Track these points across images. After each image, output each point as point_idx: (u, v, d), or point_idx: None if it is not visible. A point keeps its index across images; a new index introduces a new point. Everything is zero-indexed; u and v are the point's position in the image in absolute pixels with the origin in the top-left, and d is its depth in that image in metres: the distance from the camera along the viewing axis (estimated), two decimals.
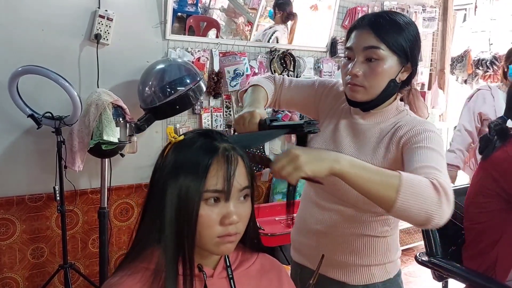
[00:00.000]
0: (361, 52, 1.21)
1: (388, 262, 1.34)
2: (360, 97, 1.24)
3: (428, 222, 0.98)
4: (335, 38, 3.39)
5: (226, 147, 0.88)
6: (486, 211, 1.92)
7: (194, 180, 0.84)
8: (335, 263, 1.33)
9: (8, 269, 2.42)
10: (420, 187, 0.98)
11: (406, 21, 1.23)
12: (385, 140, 1.25)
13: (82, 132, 2.26)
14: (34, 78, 2.19)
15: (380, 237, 1.32)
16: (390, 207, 0.97)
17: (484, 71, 4.22)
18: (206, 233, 0.86)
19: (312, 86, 1.47)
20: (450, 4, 4.15)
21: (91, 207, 2.61)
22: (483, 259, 1.90)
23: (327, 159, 0.97)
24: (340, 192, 1.26)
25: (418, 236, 3.71)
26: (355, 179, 0.97)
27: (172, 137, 0.90)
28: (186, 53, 2.74)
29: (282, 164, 0.96)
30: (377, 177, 0.97)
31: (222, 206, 0.86)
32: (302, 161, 0.94)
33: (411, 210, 0.96)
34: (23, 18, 2.28)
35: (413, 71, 1.27)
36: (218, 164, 0.85)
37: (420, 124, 1.21)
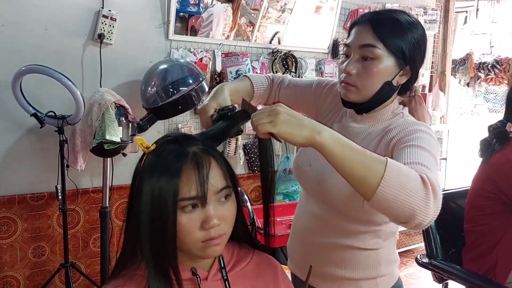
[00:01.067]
0: (357, 49, 1.14)
1: (378, 277, 1.26)
2: (352, 97, 1.18)
3: (411, 219, 0.86)
4: (337, 40, 3.39)
5: (194, 151, 0.85)
6: (486, 213, 1.93)
7: (166, 189, 0.81)
8: (323, 274, 1.28)
9: (9, 267, 2.42)
10: (407, 177, 0.87)
11: (410, 21, 1.15)
12: (375, 142, 1.18)
13: (85, 132, 2.26)
14: (37, 77, 2.20)
15: (369, 250, 1.24)
16: (370, 194, 0.86)
17: (486, 74, 4.22)
18: (188, 240, 0.84)
19: (309, 87, 1.42)
20: (452, 7, 4.15)
21: (92, 206, 2.61)
22: (483, 261, 1.91)
23: (308, 127, 0.87)
24: (326, 192, 1.21)
25: (418, 238, 3.71)
26: (335, 155, 0.86)
27: (145, 147, 0.88)
28: (188, 53, 2.75)
29: (261, 115, 0.88)
30: (360, 157, 0.87)
31: (201, 211, 0.84)
32: (281, 118, 0.86)
33: (394, 201, 0.85)
34: (27, 18, 2.29)
35: (413, 75, 1.19)
36: (188, 170, 0.83)
37: (413, 125, 1.13)
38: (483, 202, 1.94)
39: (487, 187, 1.92)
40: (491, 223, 1.92)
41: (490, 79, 4.22)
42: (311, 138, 0.86)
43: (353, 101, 1.19)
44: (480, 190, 1.95)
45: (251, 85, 1.37)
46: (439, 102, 4.00)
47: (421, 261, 2.10)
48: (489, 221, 1.91)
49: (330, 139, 0.86)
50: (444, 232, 2.11)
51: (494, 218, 1.91)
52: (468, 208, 2.02)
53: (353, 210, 1.17)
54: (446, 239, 2.09)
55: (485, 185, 1.93)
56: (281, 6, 3.06)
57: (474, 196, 1.98)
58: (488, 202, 1.92)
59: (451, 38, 4.19)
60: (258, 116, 0.89)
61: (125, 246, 0.91)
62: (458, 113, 5.42)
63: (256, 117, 0.89)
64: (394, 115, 1.22)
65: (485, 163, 1.97)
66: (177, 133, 0.94)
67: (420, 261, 2.10)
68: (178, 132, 0.96)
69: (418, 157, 0.98)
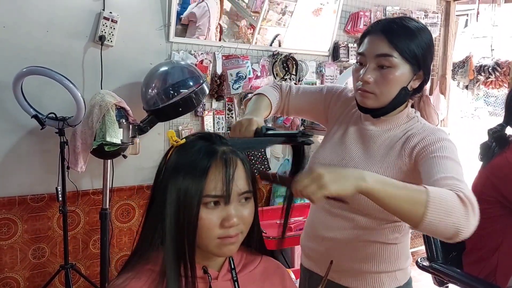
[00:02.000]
0: (373, 59, 1.20)
1: (397, 270, 1.33)
2: (370, 104, 1.23)
3: (457, 235, 0.96)
4: (337, 43, 3.39)
5: (225, 150, 0.88)
6: (486, 217, 1.92)
7: (193, 184, 0.84)
8: (344, 269, 1.32)
9: (9, 269, 2.42)
10: (447, 201, 0.95)
11: (420, 28, 1.22)
12: (396, 148, 1.24)
13: (85, 133, 2.26)
14: (38, 79, 2.20)
15: (391, 244, 1.31)
16: (418, 223, 0.94)
17: (486, 77, 4.22)
18: (207, 235, 0.86)
19: (320, 93, 1.47)
20: (452, 10, 4.16)
21: (92, 208, 2.61)
22: (484, 265, 1.91)
23: (352, 177, 0.93)
24: (357, 204, 1.25)
25: (418, 241, 3.71)
26: (381, 196, 0.93)
27: (174, 141, 0.90)
28: (189, 55, 2.75)
29: (305, 183, 0.92)
30: (403, 193, 0.95)
31: (222, 209, 0.86)
32: (327, 180, 0.90)
33: (439, 225, 0.94)
34: (28, 20, 2.30)
35: (425, 78, 1.26)
36: (216, 168, 0.85)
37: (433, 133, 1.20)
38: (483, 205, 1.92)
39: (486, 191, 1.92)
40: (491, 227, 1.91)
41: (490, 82, 4.22)
42: (359, 186, 0.92)
43: (370, 107, 1.25)
44: (479, 193, 1.94)
45: (269, 103, 1.40)
46: (440, 105, 4.00)
47: (421, 264, 2.10)
48: (489, 225, 1.91)
49: (375, 183, 0.93)
50: None
51: (494, 222, 1.90)
52: None
53: (374, 209, 1.21)
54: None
55: (485, 189, 1.93)
56: (281, 9, 3.06)
57: (476, 200, 1.98)
58: (488, 206, 1.91)
59: (451, 41, 4.19)
60: (302, 184, 0.92)
61: (142, 239, 0.92)
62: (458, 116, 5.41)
63: (301, 186, 0.92)
64: (409, 118, 1.29)
65: (485, 166, 1.97)
66: (208, 132, 0.97)
67: (421, 264, 2.10)
68: (209, 132, 0.99)
69: (449, 170, 1.06)
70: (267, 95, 1.41)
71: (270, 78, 3.13)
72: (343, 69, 3.45)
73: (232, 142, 0.94)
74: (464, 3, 4.40)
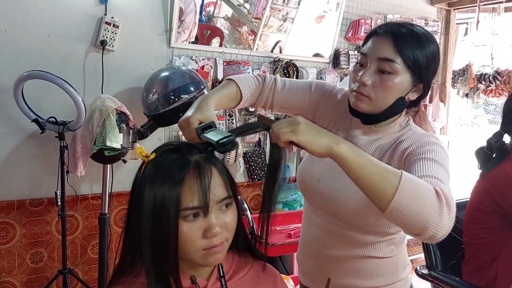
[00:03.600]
0: (375, 61, 1.14)
1: (397, 281, 1.29)
2: (363, 107, 1.16)
3: (425, 230, 0.88)
4: (338, 50, 3.40)
5: (197, 159, 0.85)
6: (485, 227, 1.92)
7: (168, 198, 0.81)
8: (342, 286, 1.29)
9: (7, 273, 2.41)
10: (421, 189, 0.89)
11: (428, 37, 1.16)
12: (386, 156, 1.19)
13: (85, 138, 2.26)
14: (39, 83, 2.20)
15: (387, 258, 1.27)
16: (385, 204, 0.88)
17: (486, 85, 4.23)
18: (190, 248, 0.84)
19: (307, 90, 1.37)
20: (452, 18, 4.17)
21: (91, 212, 2.60)
22: (483, 275, 1.90)
23: (327, 137, 0.90)
24: (334, 206, 1.22)
25: (417, 249, 3.70)
26: (353, 165, 0.89)
27: (144, 157, 0.87)
28: (190, 61, 2.75)
29: (282, 125, 0.91)
30: (376, 168, 0.89)
31: (203, 219, 0.84)
32: (302, 128, 0.89)
33: (408, 212, 0.87)
34: (30, 24, 2.30)
35: (425, 92, 1.20)
36: (190, 180, 0.83)
37: (425, 137, 1.15)
38: (481, 215, 1.93)
39: (485, 201, 1.91)
40: (489, 237, 1.91)
41: (490, 90, 4.23)
42: (330, 148, 0.89)
43: (362, 111, 1.18)
44: (478, 203, 1.94)
45: (237, 90, 1.28)
46: (439, 113, 4.00)
47: (420, 272, 2.09)
48: (488, 235, 1.91)
49: (348, 150, 0.89)
50: (444, 243, 2.09)
51: (492, 232, 1.90)
52: (467, 221, 2.01)
53: (368, 224, 1.19)
54: (445, 250, 2.09)
55: (483, 199, 1.92)
56: (283, 15, 3.07)
57: (473, 210, 1.97)
58: (486, 216, 1.91)
59: (451, 49, 4.21)
60: (279, 125, 0.91)
61: (124, 253, 0.91)
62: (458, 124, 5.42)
63: (277, 127, 0.91)
64: (401, 128, 1.24)
65: (484, 176, 1.96)
66: (178, 141, 0.94)
67: (420, 272, 2.09)
68: (179, 141, 0.96)
69: (432, 170, 1.00)
70: (238, 82, 1.27)
71: None
72: (344, 76, 3.45)
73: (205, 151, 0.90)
74: (464, 11, 4.42)
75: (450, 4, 4.10)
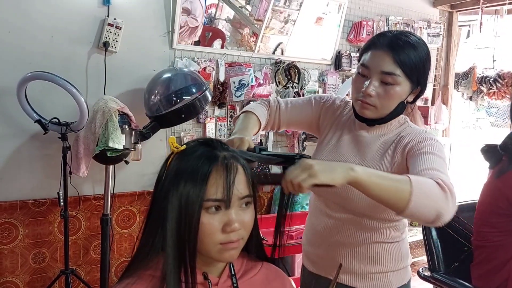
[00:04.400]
0: (378, 74, 1.24)
1: (402, 268, 1.40)
2: (369, 115, 1.29)
3: (438, 219, 1.04)
4: (340, 52, 3.41)
5: (226, 155, 0.89)
6: (500, 231, 1.89)
7: (194, 189, 0.84)
8: (352, 271, 1.37)
9: (9, 273, 2.42)
10: (428, 187, 1.03)
11: (420, 44, 1.26)
12: (390, 150, 1.31)
13: (88, 139, 2.27)
14: (42, 84, 2.21)
15: (393, 243, 1.37)
16: (403, 209, 1.02)
17: (488, 88, 4.23)
18: (208, 241, 0.86)
19: (308, 104, 1.51)
20: (455, 21, 4.18)
21: (93, 213, 2.61)
22: (495, 278, 1.87)
23: (341, 168, 0.99)
24: (349, 202, 1.30)
25: (419, 251, 3.69)
26: (369, 186, 1.00)
27: (174, 147, 0.91)
28: (192, 62, 2.76)
29: (297, 173, 0.97)
30: (389, 183, 1.02)
31: (224, 213, 0.86)
32: (317, 169, 0.96)
33: (423, 210, 1.02)
34: (33, 25, 2.31)
35: (421, 92, 1.32)
36: (217, 173, 0.86)
37: (422, 133, 1.29)
38: (497, 219, 1.90)
39: (501, 204, 1.88)
40: (503, 240, 1.88)
41: (493, 93, 4.23)
42: (348, 176, 0.99)
43: (368, 117, 1.31)
44: (493, 207, 1.91)
45: (257, 120, 1.41)
46: (442, 116, 4.00)
47: (423, 274, 2.09)
48: (503, 238, 1.88)
49: (362, 173, 1.00)
50: (447, 245, 2.10)
51: (507, 235, 1.88)
52: (480, 224, 1.97)
53: (378, 212, 1.30)
54: (448, 252, 2.08)
55: (499, 202, 1.89)
56: (284, 17, 3.08)
57: (488, 213, 1.93)
58: (502, 219, 1.88)
59: (454, 51, 4.21)
60: (293, 174, 0.98)
61: (143, 244, 0.92)
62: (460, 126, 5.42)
63: (292, 176, 0.97)
64: (400, 124, 1.37)
65: (499, 178, 1.92)
66: (209, 138, 0.98)
67: (422, 275, 2.09)
68: (210, 138, 1.00)
69: (431, 163, 1.16)
70: (255, 112, 1.41)
71: (273, 86, 3.15)
72: (345, 78, 3.46)
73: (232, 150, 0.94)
74: (467, 13, 4.43)
75: (452, 6, 4.11)
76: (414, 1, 3.87)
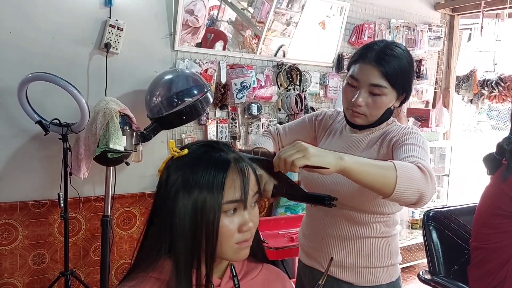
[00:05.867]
0: (366, 86, 1.34)
1: (390, 265, 1.45)
2: (360, 122, 1.40)
3: (420, 200, 1.12)
4: (341, 54, 3.41)
5: (236, 157, 0.90)
6: (500, 232, 1.90)
7: (212, 195, 0.84)
8: (343, 265, 1.42)
9: (9, 274, 2.41)
10: (410, 171, 1.11)
11: (405, 55, 1.35)
12: (377, 144, 1.41)
13: (89, 140, 2.27)
14: (43, 85, 2.21)
15: (383, 238, 1.43)
16: (389, 193, 1.09)
17: (490, 91, 4.23)
18: (227, 242, 0.87)
19: (303, 124, 1.64)
20: (456, 24, 4.18)
21: (94, 214, 2.61)
22: (492, 279, 1.88)
23: (332, 156, 1.06)
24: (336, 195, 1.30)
25: (419, 254, 3.69)
26: (358, 173, 1.07)
27: (174, 152, 0.90)
28: (194, 64, 2.76)
29: (291, 152, 1.04)
30: (375, 169, 1.09)
31: (239, 214, 0.88)
32: (311, 152, 1.03)
33: (407, 192, 1.10)
34: (35, 26, 2.31)
35: (407, 96, 1.42)
36: (233, 174, 0.87)
37: (406, 129, 1.39)
38: (498, 220, 1.91)
39: (503, 206, 1.89)
40: (503, 241, 1.89)
41: (494, 96, 4.23)
42: (337, 163, 1.05)
43: (358, 124, 1.42)
44: (495, 208, 1.92)
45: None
46: (442, 118, 4.00)
47: (423, 277, 2.08)
48: (503, 239, 1.89)
49: (351, 161, 1.07)
50: (447, 249, 2.09)
51: (507, 236, 1.88)
52: (480, 226, 1.98)
53: (366, 204, 1.37)
54: (448, 256, 2.08)
55: (502, 204, 1.90)
56: (286, 20, 3.08)
57: (488, 215, 1.94)
58: (504, 221, 1.89)
59: (455, 55, 4.21)
60: (287, 153, 1.05)
61: (146, 248, 0.92)
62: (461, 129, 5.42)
63: (286, 154, 1.04)
64: (387, 124, 1.46)
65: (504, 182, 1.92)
66: (210, 140, 0.99)
67: (422, 278, 2.09)
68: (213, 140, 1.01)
69: (413, 152, 1.24)
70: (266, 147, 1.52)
71: (274, 88, 3.14)
72: None
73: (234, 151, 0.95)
74: (468, 17, 4.43)
75: (454, 10, 4.11)
76: (415, 4, 3.88)
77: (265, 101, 3.12)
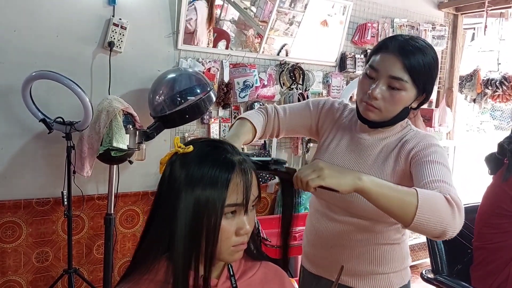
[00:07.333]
0: (386, 78, 1.23)
1: (403, 269, 1.41)
2: (373, 117, 1.28)
3: (444, 234, 1.04)
4: (344, 53, 3.41)
5: (240, 160, 0.89)
6: (501, 231, 1.90)
7: (215, 195, 0.84)
8: (354, 272, 1.38)
9: (13, 272, 2.42)
10: (436, 202, 1.03)
11: (430, 50, 1.25)
12: (393, 155, 1.30)
13: (92, 138, 2.27)
14: (47, 83, 2.22)
15: (395, 244, 1.38)
16: (408, 222, 1.02)
17: (493, 91, 4.21)
18: (224, 244, 0.87)
19: (307, 108, 1.50)
20: (460, 23, 4.17)
21: (97, 213, 2.62)
22: (494, 278, 1.88)
23: (349, 176, 1.01)
24: (354, 206, 1.30)
25: (423, 254, 3.69)
26: (376, 196, 1.02)
27: (178, 147, 0.89)
28: (197, 63, 2.77)
29: (307, 172, 1.00)
30: (395, 194, 1.02)
31: (238, 217, 0.88)
32: (326, 173, 0.99)
33: (428, 224, 1.02)
34: (38, 24, 2.32)
35: (426, 98, 1.32)
36: (237, 177, 0.86)
37: (426, 138, 1.29)
38: (499, 220, 1.91)
39: (505, 206, 1.89)
40: (505, 241, 1.89)
41: (497, 96, 4.21)
42: (355, 184, 1.00)
43: (371, 120, 1.30)
44: (496, 208, 1.92)
45: (251, 126, 1.39)
46: (446, 118, 3.99)
47: (426, 276, 2.09)
48: (504, 239, 1.89)
49: (370, 182, 1.01)
50: (450, 248, 2.09)
51: (509, 236, 1.88)
52: (481, 226, 1.98)
53: (381, 216, 1.26)
54: (451, 255, 2.08)
55: (503, 204, 1.90)
56: (289, 19, 3.08)
57: (489, 215, 1.95)
58: (505, 220, 1.89)
59: (458, 54, 4.20)
60: (304, 173, 1.01)
61: (148, 247, 0.90)
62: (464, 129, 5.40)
63: (302, 174, 1.01)
64: (402, 127, 1.36)
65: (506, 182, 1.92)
66: (215, 139, 0.98)
67: (425, 277, 2.09)
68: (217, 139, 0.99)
69: (439, 175, 1.14)
70: (250, 119, 1.39)
71: (277, 87, 3.14)
72: (350, 80, 3.45)
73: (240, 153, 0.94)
74: (471, 16, 4.42)
75: (457, 9, 4.09)
76: (419, 3, 3.87)
77: (267, 100, 3.12)
